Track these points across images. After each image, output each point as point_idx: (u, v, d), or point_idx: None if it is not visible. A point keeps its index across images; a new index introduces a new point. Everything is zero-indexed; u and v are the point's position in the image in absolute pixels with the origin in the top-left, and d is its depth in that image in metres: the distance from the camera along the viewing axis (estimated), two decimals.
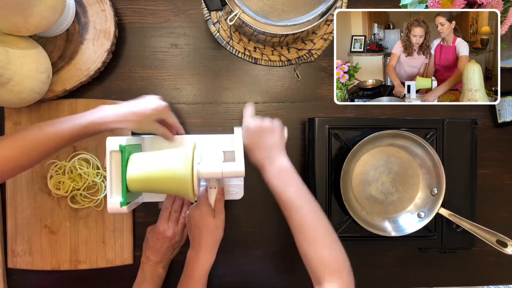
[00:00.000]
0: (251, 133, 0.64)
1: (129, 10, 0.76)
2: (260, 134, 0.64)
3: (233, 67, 0.77)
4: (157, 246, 0.68)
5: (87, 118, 0.58)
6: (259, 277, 0.78)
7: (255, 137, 0.64)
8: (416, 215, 0.72)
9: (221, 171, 0.62)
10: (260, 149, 0.63)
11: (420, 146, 0.70)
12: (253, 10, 0.61)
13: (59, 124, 0.57)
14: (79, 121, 0.58)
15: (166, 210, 0.70)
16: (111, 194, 0.59)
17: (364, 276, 0.79)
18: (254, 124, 0.64)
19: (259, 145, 0.63)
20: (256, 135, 0.64)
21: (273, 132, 0.64)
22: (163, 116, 0.65)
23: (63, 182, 0.72)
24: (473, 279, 0.81)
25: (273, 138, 0.64)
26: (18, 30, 0.59)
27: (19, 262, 0.72)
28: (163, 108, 0.64)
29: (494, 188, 0.80)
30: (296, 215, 0.56)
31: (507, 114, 0.77)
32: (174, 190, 0.60)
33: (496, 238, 0.66)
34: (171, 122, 0.67)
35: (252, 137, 0.64)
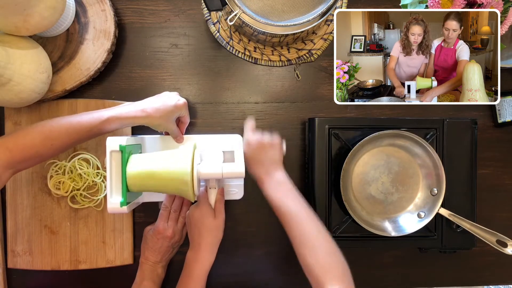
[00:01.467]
0: (252, 148, 0.66)
1: (129, 10, 0.76)
2: (260, 149, 0.66)
3: (233, 67, 0.77)
4: (157, 246, 0.68)
5: (109, 112, 0.60)
6: (259, 277, 0.78)
7: (255, 152, 0.66)
8: (416, 215, 0.72)
9: (221, 172, 0.62)
10: (259, 164, 0.65)
11: (420, 146, 0.70)
12: (253, 10, 0.61)
13: (81, 116, 0.59)
14: (101, 114, 0.59)
15: (165, 210, 0.70)
16: (111, 194, 0.59)
17: (364, 276, 0.79)
18: (255, 139, 0.67)
19: (258, 160, 0.66)
20: (256, 150, 0.66)
21: (272, 147, 0.66)
22: (182, 113, 0.67)
23: (63, 182, 0.72)
24: (473, 279, 0.81)
25: (273, 153, 0.66)
26: (18, 30, 0.59)
27: (19, 262, 0.72)
28: (182, 104, 0.66)
29: (494, 188, 0.80)
30: (297, 226, 0.58)
31: (507, 114, 0.77)
32: (174, 190, 0.60)
33: (496, 238, 0.66)
34: (185, 121, 0.69)
35: (253, 152, 0.66)
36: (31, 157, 0.56)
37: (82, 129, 0.58)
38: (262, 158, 0.66)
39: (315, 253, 0.55)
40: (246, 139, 0.67)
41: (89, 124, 0.58)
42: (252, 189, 0.74)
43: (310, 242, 0.56)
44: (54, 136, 0.57)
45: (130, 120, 0.61)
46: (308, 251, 0.56)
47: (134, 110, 0.61)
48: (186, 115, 0.68)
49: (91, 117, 0.59)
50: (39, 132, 0.56)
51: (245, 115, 0.77)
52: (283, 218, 0.60)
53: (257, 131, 0.69)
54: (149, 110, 0.61)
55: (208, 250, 0.64)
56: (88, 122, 0.58)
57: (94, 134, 0.59)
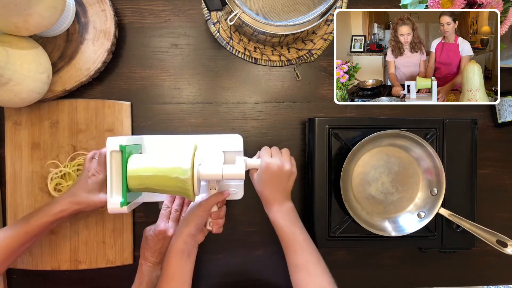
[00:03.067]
0: (271, 171, 0.66)
1: (129, 10, 0.76)
2: (279, 175, 0.66)
3: (233, 67, 0.77)
4: (158, 246, 0.68)
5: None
6: (259, 277, 0.78)
7: (273, 176, 0.66)
8: (416, 215, 0.72)
9: (222, 173, 0.62)
10: (274, 189, 0.66)
11: (420, 146, 0.70)
12: (253, 10, 0.61)
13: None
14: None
15: (166, 209, 0.70)
16: (111, 194, 0.59)
17: (364, 276, 0.79)
18: (275, 163, 0.66)
19: (274, 185, 0.66)
20: (274, 175, 0.66)
21: (291, 176, 0.67)
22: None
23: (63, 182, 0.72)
24: (473, 279, 0.81)
25: (289, 182, 0.67)
26: (18, 30, 0.59)
27: (19, 262, 0.72)
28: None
29: (494, 188, 0.80)
30: (303, 252, 0.62)
31: (507, 114, 0.77)
32: (174, 190, 0.60)
33: (496, 238, 0.66)
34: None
35: (270, 175, 0.66)
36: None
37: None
38: (278, 185, 0.66)
39: (315, 276, 0.60)
40: (265, 160, 0.66)
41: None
42: (252, 189, 0.74)
43: (314, 268, 0.60)
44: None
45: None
46: (311, 277, 0.60)
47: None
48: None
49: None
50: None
51: (245, 115, 0.77)
52: (289, 244, 0.63)
53: (277, 155, 0.68)
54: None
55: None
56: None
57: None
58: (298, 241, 0.63)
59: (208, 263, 0.77)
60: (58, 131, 0.73)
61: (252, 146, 0.76)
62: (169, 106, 0.76)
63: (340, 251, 0.79)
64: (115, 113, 0.73)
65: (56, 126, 0.72)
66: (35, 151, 0.72)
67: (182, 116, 0.76)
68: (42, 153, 0.72)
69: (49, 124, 0.72)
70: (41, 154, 0.72)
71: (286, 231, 0.64)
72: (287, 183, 0.67)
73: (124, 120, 0.73)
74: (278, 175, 0.66)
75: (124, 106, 0.74)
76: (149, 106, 0.76)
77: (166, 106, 0.76)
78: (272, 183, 0.66)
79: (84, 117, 0.73)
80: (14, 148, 0.72)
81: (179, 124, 0.76)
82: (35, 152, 0.72)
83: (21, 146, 0.72)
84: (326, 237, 0.72)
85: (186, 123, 0.76)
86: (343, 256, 0.79)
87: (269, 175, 0.66)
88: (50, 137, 0.73)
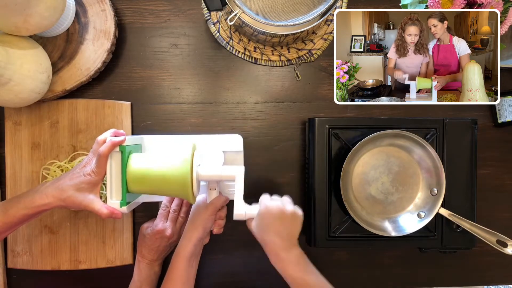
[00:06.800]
0: (270, 215, 0.60)
1: (129, 10, 0.76)
2: (280, 218, 0.60)
3: (233, 67, 0.77)
4: (155, 245, 0.68)
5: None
6: (259, 277, 0.78)
7: (274, 221, 0.60)
8: (416, 215, 0.72)
9: (221, 174, 0.62)
10: (276, 235, 0.60)
11: (420, 146, 0.70)
12: (253, 10, 0.61)
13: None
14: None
15: (165, 209, 0.70)
16: (111, 194, 0.59)
17: (364, 276, 0.79)
18: (275, 206, 0.60)
19: (276, 230, 0.60)
20: (275, 219, 0.60)
21: (294, 220, 0.61)
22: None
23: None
24: (473, 279, 0.81)
25: (293, 227, 0.61)
26: (18, 30, 0.59)
27: (19, 262, 0.72)
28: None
29: (494, 188, 0.80)
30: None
31: (507, 114, 0.77)
32: (174, 191, 0.60)
33: (496, 238, 0.66)
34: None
35: (271, 220, 0.60)
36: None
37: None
38: (281, 230, 0.60)
39: None
40: (265, 204, 0.61)
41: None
42: (252, 189, 0.74)
43: None
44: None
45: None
46: None
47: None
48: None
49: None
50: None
51: (245, 115, 0.77)
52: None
53: (277, 198, 0.63)
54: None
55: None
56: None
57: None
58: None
59: (208, 263, 0.77)
60: (58, 131, 0.73)
61: (252, 146, 0.76)
62: (169, 106, 0.76)
63: (340, 251, 0.79)
64: (115, 113, 0.73)
65: (56, 126, 0.72)
66: (35, 151, 0.72)
67: (182, 116, 0.76)
68: (42, 153, 0.72)
69: (49, 124, 0.72)
70: (41, 154, 0.72)
71: (298, 279, 0.59)
72: (291, 227, 0.60)
73: (124, 120, 0.73)
74: (280, 217, 0.60)
75: (124, 106, 0.74)
76: (149, 106, 0.76)
77: (166, 106, 0.76)
78: (274, 228, 0.60)
79: (84, 117, 0.73)
80: (14, 148, 0.72)
81: (179, 124, 0.76)
82: (35, 152, 0.72)
83: (21, 146, 0.72)
84: (326, 237, 0.72)
85: (186, 123, 0.76)
86: (343, 256, 0.79)
87: (269, 218, 0.60)
88: (50, 137, 0.73)
